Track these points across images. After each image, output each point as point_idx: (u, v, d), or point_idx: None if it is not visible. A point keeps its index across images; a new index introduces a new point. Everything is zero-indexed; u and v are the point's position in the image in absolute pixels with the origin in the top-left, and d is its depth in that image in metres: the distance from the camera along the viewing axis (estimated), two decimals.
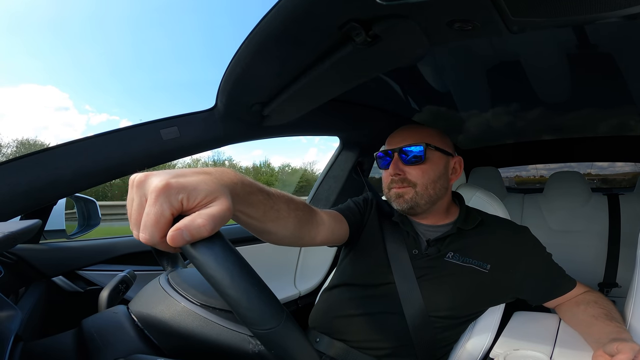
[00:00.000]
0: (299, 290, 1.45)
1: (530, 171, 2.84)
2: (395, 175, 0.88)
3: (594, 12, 0.49)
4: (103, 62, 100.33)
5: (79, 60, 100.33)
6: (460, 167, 0.94)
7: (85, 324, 0.55)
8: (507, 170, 2.61)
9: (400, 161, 0.88)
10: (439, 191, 0.89)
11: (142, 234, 0.35)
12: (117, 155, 0.89)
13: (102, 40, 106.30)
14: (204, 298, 0.56)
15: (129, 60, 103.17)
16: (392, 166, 0.89)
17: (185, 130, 0.95)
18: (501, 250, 0.89)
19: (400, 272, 0.87)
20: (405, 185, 0.88)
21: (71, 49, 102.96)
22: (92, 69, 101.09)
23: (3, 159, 0.90)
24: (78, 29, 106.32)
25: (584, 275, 1.73)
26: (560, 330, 0.85)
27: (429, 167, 0.88)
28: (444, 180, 0.90)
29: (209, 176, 0.40)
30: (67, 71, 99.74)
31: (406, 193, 0.88)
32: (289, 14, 0.55)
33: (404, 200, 0.88)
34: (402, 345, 0.84)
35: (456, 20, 0.54)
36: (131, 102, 56.98)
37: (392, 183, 0.89)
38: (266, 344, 0.37)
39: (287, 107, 0.92)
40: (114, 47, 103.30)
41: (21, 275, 0.93)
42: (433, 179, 0.88)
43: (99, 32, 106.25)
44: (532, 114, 1.57)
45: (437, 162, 0.89)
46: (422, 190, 0.87)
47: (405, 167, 0.88)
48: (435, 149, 0.89)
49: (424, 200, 0.88)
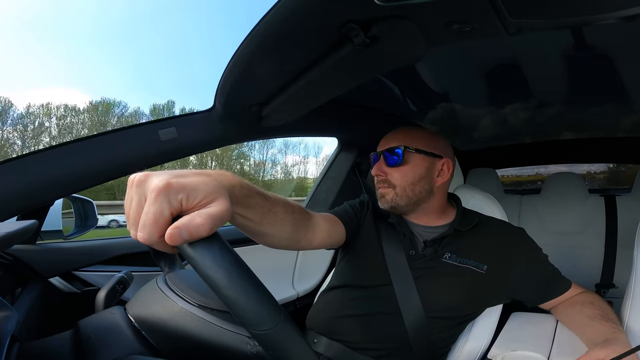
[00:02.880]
0: (297, 291, 1.45)
1: (511, 171, 2.83)
2: (377, 176, 0.92)
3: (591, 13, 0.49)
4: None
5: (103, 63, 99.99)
6: (448, 170, 0.93)
7: (82, 325, 0.55)
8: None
9: (384, 163, 0.91)
10: (419, 193, 0.90)
11: (140, 233, 0.35)
12: (115, 156, 0.88)
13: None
14: (202, 299, 0.56)
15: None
16: (375, 167, 0.92)
17: (183, 130, 0.95)
18: (498, 251, 0.89)
19: (398, 273, 0.87)
20: (386, 186, 0.90)
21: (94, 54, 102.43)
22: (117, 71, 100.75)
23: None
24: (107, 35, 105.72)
25: (581, 276, 1.73)
26: (558, 331, 0.85)
27: (409, 169, 0.89)
28: (425, 182, 0.90)
29: (209, 177, 0.40)
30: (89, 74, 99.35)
31: (387, 194, 0.90)
32: (288, 15, 0.56)
33: (385, 200, 0.91)
34: (400, 346, 0.84)
35: (454, 21, 0.54)
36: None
37: (377, 183, 0.92)
38: (264, 345, 0.37)
39: (285, 108, 0.92)
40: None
41: (18, 276, 0.92)
42: (412, 181, 0.89)
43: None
44: (529, 115, 1.58)
45: (418, 164, 0.90)
46: (400, 191, 0.89)
47: (387, 169, 0.90)
48: (416, 152, 0.89)
49: (403, 201, 0.89)
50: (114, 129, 0.90)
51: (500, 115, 1.61)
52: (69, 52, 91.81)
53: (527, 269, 0.89)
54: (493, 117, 1.64)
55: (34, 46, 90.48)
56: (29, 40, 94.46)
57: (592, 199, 1.92)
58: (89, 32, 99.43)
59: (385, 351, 0.84)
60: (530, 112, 1.54)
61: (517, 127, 1.77)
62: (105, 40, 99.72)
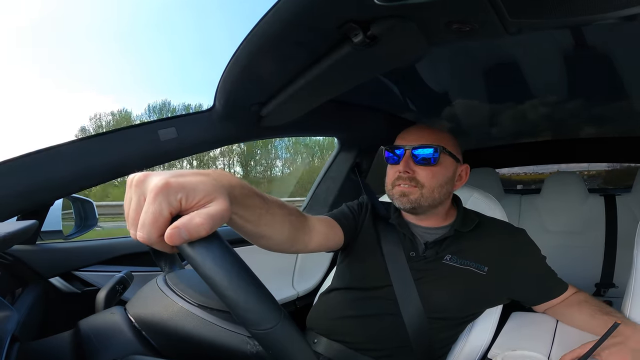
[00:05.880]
0: (297, 291, 1.45)
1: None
2: (404, 172, 0.86)
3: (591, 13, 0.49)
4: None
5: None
6: (465, 175, 0.93)
7: (82, 325, 0.55)
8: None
9: (412, 160, 0.86)
10: (443, 196, 0.88)
11: (140, 233, 0.35)
12: (115, 155, 0.88)
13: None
14: (202, 299, 0.56)
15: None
16: (403, 163, 0.86)
17: (183, 130, 0.95)
18: (498, 252, 0.89)
19: (398, 275, 0.87)
20: (412, 185, 0.86)
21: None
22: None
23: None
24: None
25: (581, 275, 1.74)
26: (558, 330, 0.85)
27: (439, 170, 0.86)
28: (449, 185, 0.89)
29: (208, 177, 0.40)
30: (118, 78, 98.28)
31: (412, 193, 0.86)
32: (288, 15, 0.56)
33: (408, 200, 0.86)
34: (400, 347, 0.84)
35: (454, 21, 0.54)
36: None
37: (399, 180, 0.87)
38: (264, 345, 0.37)
39: (285, 108, 0.92)
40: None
41: (18, 276, 0.92)
42: (441, 183, 0.86)
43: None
44: (529, 114, 1.58)
45: (448, 167, 0.88)
46: (428, 192, 0.85)
47: (415, 167, 0.86)
48: (449, 154, 0.88)
49: (427, 202, 0.86)
50: (113, 129, 0.89)
51: (500, 115, 1.61)
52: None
53: (528, 270, 0.90)
54: (493, 117, 1.64)
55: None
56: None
57: (592, 198, 1.92)
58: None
59: (385, 352, 0.84)
60: (531, 112, 1.54)
61: (517, 126, 1.77)
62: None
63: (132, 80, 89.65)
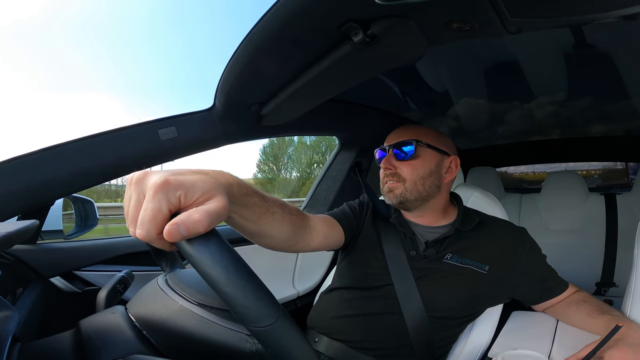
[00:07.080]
0: (298, 290, 1.45)
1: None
2: (386, 169, 0.91)
3: (591, 12, 0.49)
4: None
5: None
6: (455, 167, 0.94)
7: (83, 325, 0.55)
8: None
9: (393, 157, 0.91)
10: (429, 188, 0.90)
11: (139, 230, 0.36)
12: (115, 155, 0.88)
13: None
14: (202, 297, 0.56)
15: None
16: (384, 161, 0.91)
17: (183, 130, 0.95)
18: (499, 251, 0.89)
19: (398, 274, 0.87)
20: (396, 181, 0.90)
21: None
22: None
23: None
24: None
25: (581, 274, 1.74)
26: (558, 329, 0.85)
27: (419, 163, 0.89)
28: (434, 177, 0.90)
29: (207, 175, 0.40)
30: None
31: (396, 188, 0.90)
32: (288, 14, 0.56)
33: (393, 195, 0.90)
34: (401, 346, 0.84)
35: (454, 20, 0.54)
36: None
37: (385, 177, 0.92)
38: (262, 342, 0.37)
39: (285, 107, 0.92)
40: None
41: (18, 276, 0.92)
42: (422, 176, 0.89)
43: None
44: (530, 114, 1.58)
45: (429, 160, 0.90)
46: (410, 186, 0.89)
47: (396, 163, 0.90)
48: (427, 146, 0.90)
49: (413, 196, 0.89)
50: (113, 129, 0.89)
51: (500, 114, 1.61)
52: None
53: (528, 269, 0.90)
54: (493, 116, 1.64)
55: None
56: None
57: (592, 197, 1.92)
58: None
59: (386, 351, 0.84)
60: (531, 111, 1.54)
61: (517, 125, 1.77)
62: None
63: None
